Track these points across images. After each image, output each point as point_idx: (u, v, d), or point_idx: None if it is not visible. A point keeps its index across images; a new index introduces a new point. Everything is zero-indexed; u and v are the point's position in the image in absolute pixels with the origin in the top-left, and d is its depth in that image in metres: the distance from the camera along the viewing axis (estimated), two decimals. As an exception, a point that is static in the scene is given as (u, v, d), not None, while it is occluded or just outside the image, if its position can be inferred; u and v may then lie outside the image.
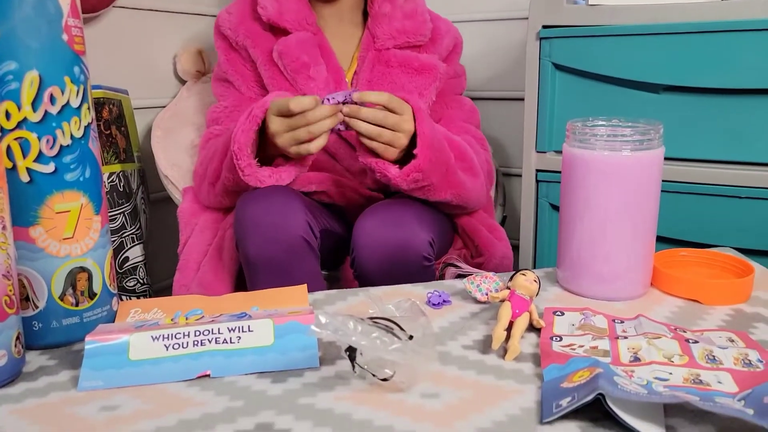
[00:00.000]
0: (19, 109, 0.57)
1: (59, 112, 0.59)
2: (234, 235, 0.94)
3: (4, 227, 0.52)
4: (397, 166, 0.92)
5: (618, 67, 1.07)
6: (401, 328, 0.50)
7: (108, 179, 1.16)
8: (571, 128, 0.72)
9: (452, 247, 1.10)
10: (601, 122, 0.73)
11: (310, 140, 0.88)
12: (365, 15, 1.15)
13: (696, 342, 0.56)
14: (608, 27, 1.06)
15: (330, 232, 1.01)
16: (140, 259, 1.20)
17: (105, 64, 1.25)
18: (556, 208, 1.18)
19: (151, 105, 1.35)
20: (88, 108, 0.62)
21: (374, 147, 0.90)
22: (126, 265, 1.18)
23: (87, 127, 0.61)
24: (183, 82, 1.40)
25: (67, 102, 0.59)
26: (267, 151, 0.95)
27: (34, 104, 0.57)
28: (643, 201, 0.69)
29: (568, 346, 0.57)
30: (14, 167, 0.58)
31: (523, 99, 1.17)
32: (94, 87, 1.17)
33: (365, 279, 0.92)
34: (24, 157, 0.57)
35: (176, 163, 1.18)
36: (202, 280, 0.99)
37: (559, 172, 1.15)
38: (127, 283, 1.18)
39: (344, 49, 1.13)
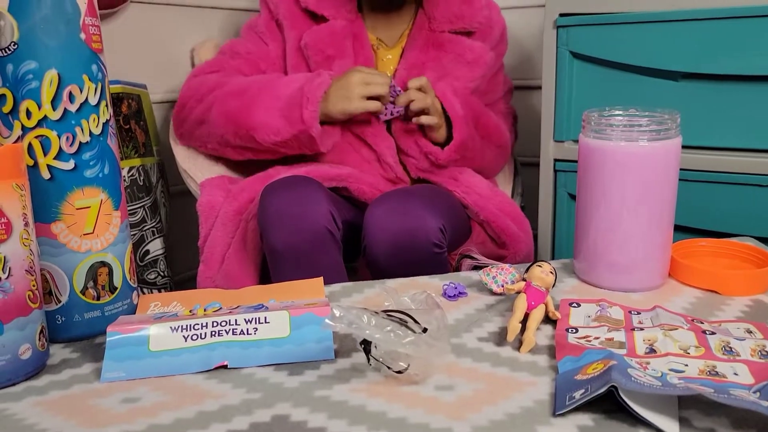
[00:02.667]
0: (39, 107, 0.58)
1: (78, 110, 0.60)
2: (258, 226, 0.96)
3: (26, 224, 0.54)
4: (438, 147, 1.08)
5: (636, 54, 1.05)
6: (415, 321, 0.51)
7: (128, 173, 1.18)
8: (587, 118, 0.71)
9: (471, 240, 1.10)
10: (617, 112, 0.72)
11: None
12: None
13: (713, 333, 0.56)
14: (626, 14, 1.04)
15: (350, 223, 1.02)
16: (161, 252, 1.22)
17: (123, 60, 1.26)
18: (574, 197, 1.17)
19: (169, 99, 1.37)
20: (106, 105, 0.63)
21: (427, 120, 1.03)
22: (147, 258, 1.20)
23: (105, 124, 0.62)
24: (200, 75, 1.41)
25: (86, 100, 0.60)
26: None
27: (54, 102, 0.58)
28: (660, 191, 0.68)
29: (584, 337, 0.57)
30: (35, 165, 0.59)
31: (540, 87, 1.17)
32: (113, 82, 1.18)
33: (376, 266, 0.93)
34: (45, 154, 0.59)
35: (194, 156, 1.19)
36: (227, 272, 1.00)
37: (577, 161, 1.15)
38: (149, 276, 1.20)
39: (390, 29, 1.15)
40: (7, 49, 0.56)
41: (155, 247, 1.21)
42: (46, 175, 0.59)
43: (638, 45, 1.05)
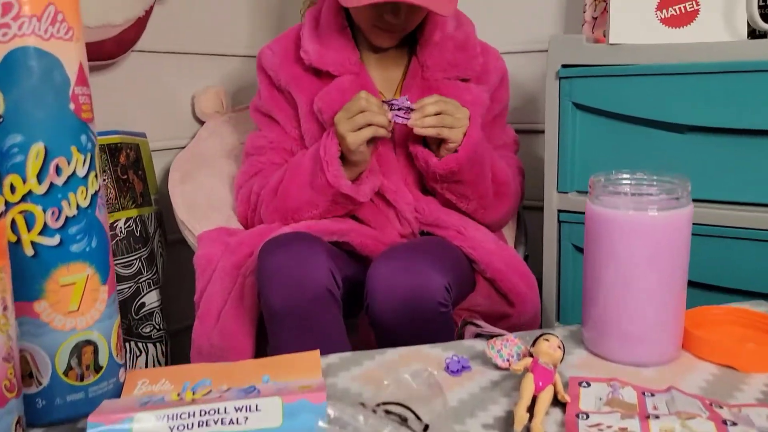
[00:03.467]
0: (24, 182, 0.56)
1: (65, 183, 0.57)
2: (255, 284, 0.93)
3: (5, 308, 0.51)
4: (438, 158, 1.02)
5: (641, 107, 1.03)
6: (416, 416, 0.47)
7: (124, 225, 1.15)
8: (593, 184, 0.69)
9: (476, 292, 1.07)
10: (624, 176, 0.70)
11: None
12: (412, 40, 1.13)
13: (734, 424, 0.53)
14: (630, 66, 1.03)
15: (351, 279, 0.99)
16: (156, 304, 1.19)
17: (123, 108, 1.25)
18: (579, 249, 1.14)
19: (170, 146, 1.36)
20: (96, 176, 0.61)
21: (438, 132, 0.98)
22: (142, 311, 1.17)
23: (94, 196, 0.60)
24: (202, 122, 1.40)
25: (74, 172, 0.58)
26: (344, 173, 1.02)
27: (40, 176, 0.56)
28: (670, 260, 0.65)
29: (596, 425, 0.54)
30: (18, 241, 0.56)
31: (543, 132, 1.15)
32: (111, 132, 1.17)
33: (379, 325, 0.90)
34: (29, 230, 0.56)
35: (194, 205, 1.17)
36: (223, 329, 0.97)
37: (582, 213, 1.12)
38: (143, 330, 1.17)
39: (389, 78, 1.13)
40: (-8, 123, 0.54)
41: (151, 299, 1.18)
42: (29, 251, 0.57)
43: (643, 97, 1.03)
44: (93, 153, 0.61)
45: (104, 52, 1.12)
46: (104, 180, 1.13)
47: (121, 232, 1.14)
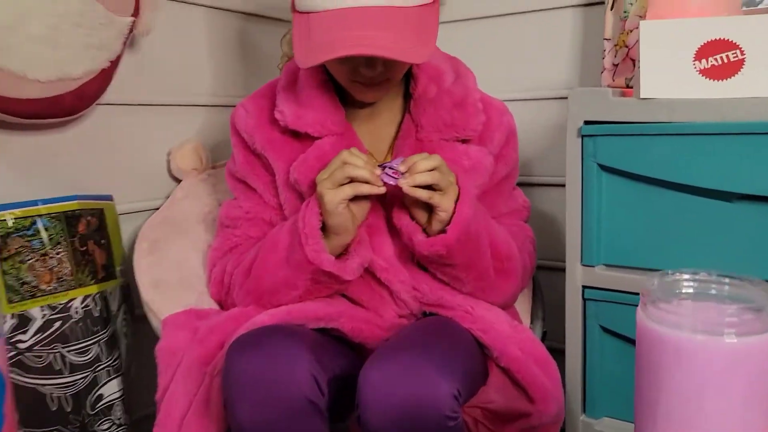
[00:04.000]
0: None
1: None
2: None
3: None
4: (425, 235, 0.88)
5: (679, 171, 0.89)
6: None
7: (81, 304, 1.00)
8: (646, 292, 0.54)
9: (489, 385, 0.91)
10: (685, 277, 0.55)
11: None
12: (406, 94, 0.99)
13: None
14: (665, 125, 0.89)
15: (341, 376, 0.84)
16: (117, 395, 1.03)
17: (87, 168, 1.11)
18: (608, 331, 0.99)
19: (141, 208, 1.21)
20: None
21: (429, 196, 0.83)
22: (99, 404, 1.01)
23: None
24: (178, 180, 1.26)
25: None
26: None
27: None
28: (754, 397, 0.50)
29: None
30: None
31: (557, 185, 1.00)
32: (70, 198, 1.03)
33: None
34: None
35: (162, 281, 1.02)
36: None
37: (611, 290, 0.97)
38: (101, 427, 1.01)
39: (380, 137, 0.98)
40: None
41: (111, 389, 1.02)
42: None
43: (682, 160, 0.88)
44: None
45: (63, 108, 0.98)
46: (59, 253, 0.98)
47: (76, 313, 0.99)
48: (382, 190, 0.84)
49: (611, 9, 1.20)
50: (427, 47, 0.81)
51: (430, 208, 0.87)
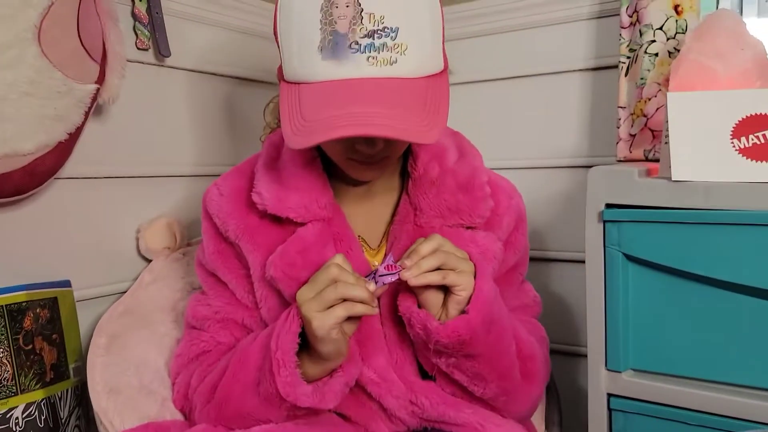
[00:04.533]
0: None
1: None
2: None
3: None
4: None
5: (719, 265, 0.76)
6: None
7: (23, 414, 0.86)
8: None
9: None
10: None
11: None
12: (403, 173, 0.87)
13: None
14: (702, 213, 0.77)
15: None
16: None
17: (41, 251, 0.98)
18: (638, 450, 0.84)
19: (106, 293, 1.07)
20: None
21: (443, 277, 0.71)
22: None
23: None
24: (148, 261, 1.13)
25: None
26: (307, 370, 0.74)
27: None
28: None
29: None
30: None
31: (572, 261, 0.88)
32: (15, 289, 0.89)
33: None
34: None
35: (119, 386, 0.87)
36: None
37: (642, 401, 0.84)
38: None
39: (374, 220, 0.86)
40: None
41: None
42: None
43: (720, 253, 0.76)
44: None
45: (11, 187, 0.86)
46: (-2, 355, 0.84)
47: (17, 425, 0.84)
48: (376, 310, 0.72)
49: (625, 75, 1.10)
50: (438, 125, 0.69)
51: (442, 292, 0.74)
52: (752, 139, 0.76)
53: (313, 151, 0.82)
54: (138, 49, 1.10)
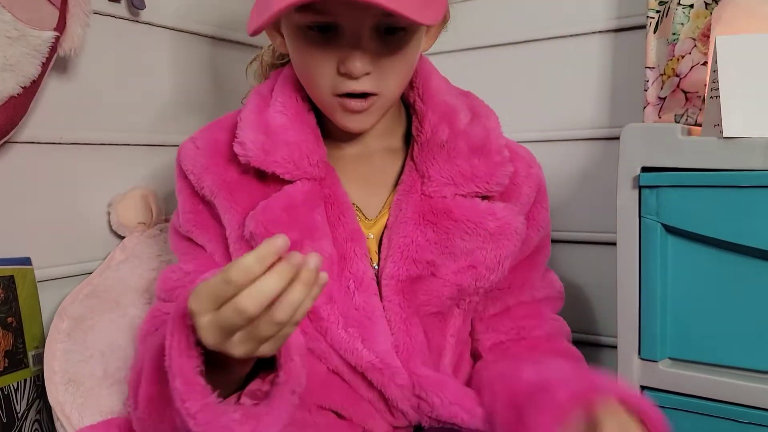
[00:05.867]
0: None
1: None
2: None
3: None
4: None
5: (780, 236, 0.65)
6: None
7: (-32, 409, 0.74)
8: None
9: None
10: None
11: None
12: (407, 136, 0.76)
13: None
14: (754, 174, 0.65)
15: None
16: None
17: (-3, 225, 0.87)
18: (677, 449, 0.73)
19: (71, 273, 0.96)
20: None
21: None
22: None
23: None
24: (121, 237, 1.01)
25: None
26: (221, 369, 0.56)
27: None
28: None
29: None
30: None
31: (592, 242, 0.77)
32: (-38, 265, 0.78)
33: None
34: None
35: (77, 378, 0.76)
36: None
37: (681, 393, 0.73)
38: None
39: (372, 191, 0.75)
40: None
41: None
42: None
43: (781, 220, 0.65)
44: None
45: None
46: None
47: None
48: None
49: (654, 32, 0.99)
50: (433, 13, 0.59)
51: None
52: (818, 89, 0.65)
53: (306, 103, 0.72)
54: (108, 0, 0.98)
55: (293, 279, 0.48)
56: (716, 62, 0.68)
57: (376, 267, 0.71)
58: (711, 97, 0.70)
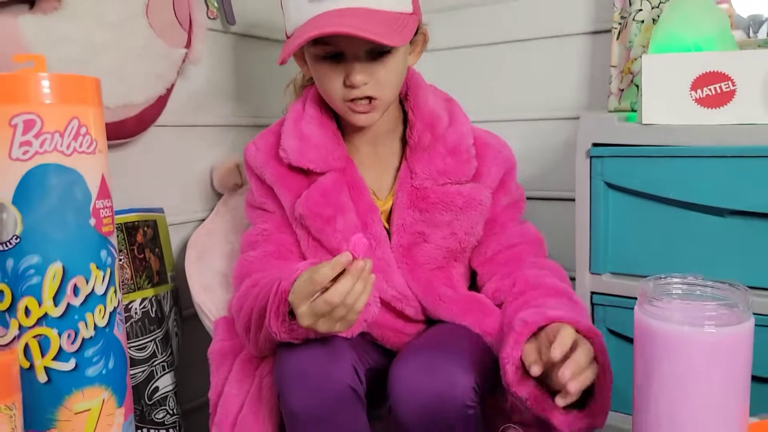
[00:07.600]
0: (40, 304, 0.52)
1: (83, 303, 0.54)
2: (274, 385, 0.88)
3: (14, 451, 0.47)
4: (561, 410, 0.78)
5: (677, 189, 0.99)
6: None
7: (140, 306, 1.12)
8: (643, 292, 0.64)
9: None
10: (675, 281, 0.66)
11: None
12: (404, 140, 1.05)
13: None
14: (664, 148, 1.00)
15: (375, 368, 0.94)
16: (171, 388, 1.15)
17: (141, 185, 1.23)
18: (616, 334, 1.09)
19: (188, 220, 1.33)
20: (115, 291, 0.57)
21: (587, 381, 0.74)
22: (156, 395, 1.12)
23: (113, 313, 0.57)
24: (220, 195, 1.38)
25: (92, 290, 0.55)
26: None
27: (56, 298, 0.53)
28: (730, 381, 0.60)
29: None
30: (31, 367, 0.53)
31: (569, 200, 1.09)
32: (129, 211, 1.15)
33: (404, 428, 0.84)
34: (42, 355, 0.53)
35: (210, 287, 1.13)
36: None
37: (617, 296, 1.08)
38: (156, 416, 1.12)
39: (382, 179, 1.04)
40: (7, 243, 0.51)
41: (165, 383, 1.14)
42: (42, 378, 0.53)
43: (678, 179, 0.99)
44: (113, 267, 0.57)
45: (125, 131, 1.11)
46: (121, 260, 1.10)
47: (136, 313, 1.10)
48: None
49: (617, 39, 1.31)
50: (400, 39, 0.85)
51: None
52: (706, 91, 0.98)
53: (328, 113, 0.99)
54: (209, 18, 1.32)
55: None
56: (641, 73, 1.02)
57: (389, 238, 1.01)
58: (639, 95, 1.04)
